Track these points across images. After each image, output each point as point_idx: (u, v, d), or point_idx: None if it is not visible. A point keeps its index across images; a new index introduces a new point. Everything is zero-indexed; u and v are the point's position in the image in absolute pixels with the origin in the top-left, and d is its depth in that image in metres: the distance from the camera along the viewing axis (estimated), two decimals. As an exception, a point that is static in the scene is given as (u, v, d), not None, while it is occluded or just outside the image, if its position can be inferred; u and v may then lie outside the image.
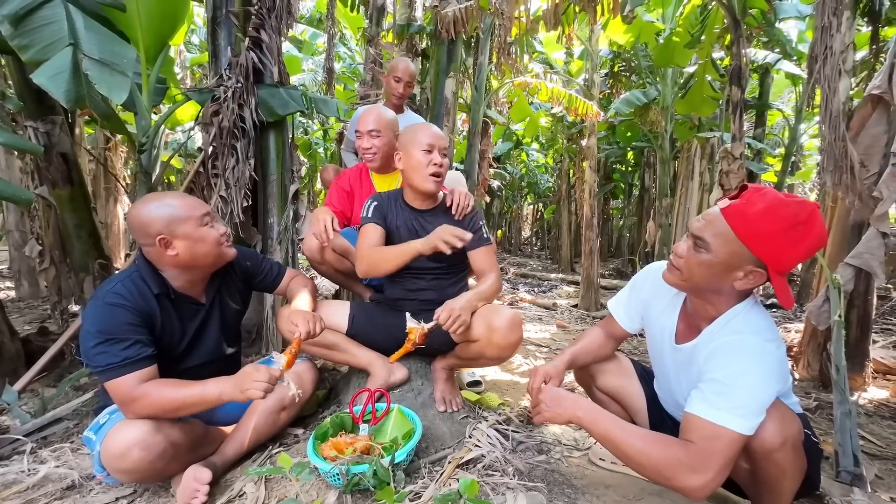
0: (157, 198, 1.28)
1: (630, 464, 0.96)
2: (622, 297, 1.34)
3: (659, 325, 1.19)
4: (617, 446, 0.97)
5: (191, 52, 8.28)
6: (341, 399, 1.71)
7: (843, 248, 2.31)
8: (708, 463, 0.87)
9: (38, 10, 1.66)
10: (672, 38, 4.94)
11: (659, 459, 0.91)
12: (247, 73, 2.27)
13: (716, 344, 0.98)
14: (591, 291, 5.24)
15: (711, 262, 0.94)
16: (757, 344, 0.93)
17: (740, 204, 0.91)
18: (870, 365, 2.53)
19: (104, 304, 1.20)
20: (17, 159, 3.53)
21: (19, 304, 3.88)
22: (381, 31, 4.68)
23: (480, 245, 1.52)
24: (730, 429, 0.88)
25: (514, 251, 14.23)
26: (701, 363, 1.00)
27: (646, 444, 0.93)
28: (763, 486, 1.03)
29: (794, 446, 0.97)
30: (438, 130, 1.53)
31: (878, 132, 1.94)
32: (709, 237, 0.93)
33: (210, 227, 1.30)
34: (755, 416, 0.90)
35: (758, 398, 0.90)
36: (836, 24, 2.02)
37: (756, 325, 0.97)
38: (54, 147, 2.35)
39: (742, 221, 0.90)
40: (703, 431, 0.90)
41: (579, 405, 1.05)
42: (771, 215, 0.88)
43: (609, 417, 1.01)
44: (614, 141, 8.19)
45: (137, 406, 1.17)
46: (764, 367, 0.91)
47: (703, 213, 0.98)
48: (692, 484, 0.88)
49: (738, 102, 3.05)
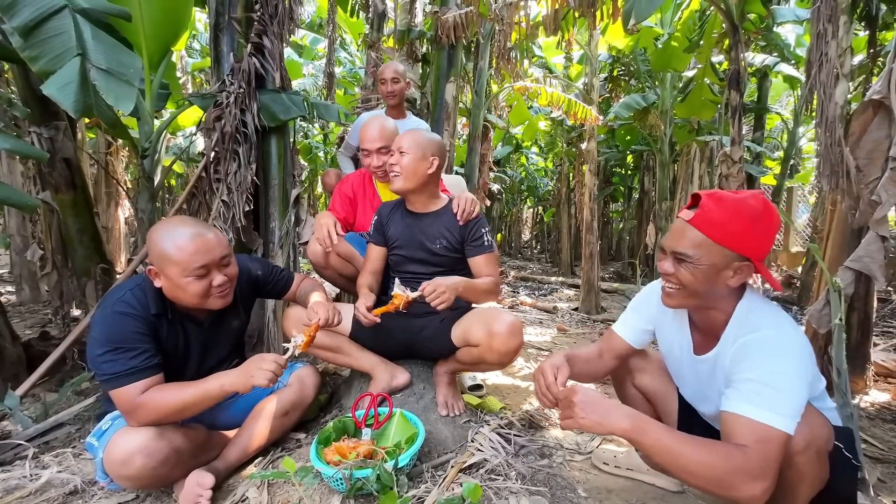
0: (172, 227, 1.23)
1: (684, 474, 0.91)
2: (625, 317, 1.33)
3: (675, 340, 1.19)
4: (672, 457, 0.90)
5: (192, 58, 8.32)
6: (343, 403, 1.71)
7: (843, 251, 2.32)
8: (767, 469, 0.86)
9: (47, 22, 1.68)
10: (671, 42, 4.97)
11: (722, 470, 0.86)
12: (249, 78, 2.29)
13: (739, 344, 0.98)
14: (591, 295, 5.24)
15: (700, 271, 0.97)
16: (781, 337, 0.95)
17: (704, 212, 0.96)
18: (871, 368, 2.53)
19: (112, 313, 1.20)
20: (20, 164, 3.55)
21: (20, 309, 3.88)
22: (381, 36, 4.71)
23: (481, 252, 1.52)
24: (778, 429, 0.87)
25: (514, 254, 14.24)
26: (728, 366, 0.99)
27: (705, 454, 0.88)
28: (778, 490, 1.00)
29: (819, 453, 0.95)
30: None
31: (879, 137, 1.95)
32: (689, 250, 0.97)
33: (198, 279, 1.20)
34: (797, 413, 0.89)
35: (797, 394, 0.90)
36: (831, 30, 2.04)
37: (770, 317, 0.99)
38: (58, 152, 2.37)
39: (713, 227, 0.95)
40: (754, 434, 0.88)
41: (622, 413, 0.96)
42: (736, 215, 0.94)
43: (658, 427, 0.94)
44: (614, 144, 8.21)
45: (141, 414, 1.17)
46: (795, 360, 0.92)
47: (672, 230, 1.02)
48: (754, 493, 0.84)
49: (737, 106, 3.06)
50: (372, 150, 1.79)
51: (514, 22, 4.26)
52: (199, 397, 1.20)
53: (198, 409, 1.21)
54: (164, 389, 1.20)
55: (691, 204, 1.00)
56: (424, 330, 1.56)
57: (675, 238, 1.00)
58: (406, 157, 1.49)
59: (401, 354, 1.64)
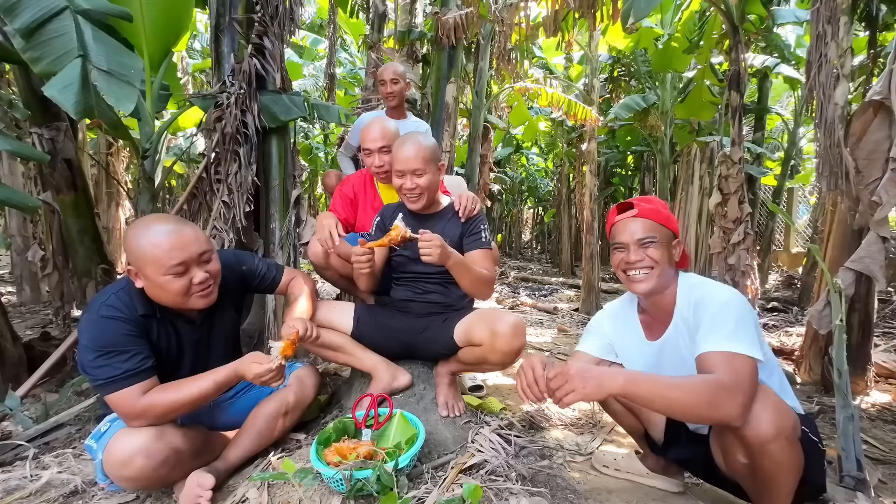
0: (146, 225, 1.20)
1: (679, 410, 1.00)
2: (584, 339, 1.36)
3: (632, 340, 1.29)
4: (666, 400, 0.99)
5: (193, 59, 8.33)
6: (343, 404, 1.71)
7: (844, 252, 2.32)
8: (739, 383, 0.97)
9: (48, 23, 1.69)
10: (671, 43, 4.97)
11: (707, 393, 0.97)
12: (249, 79, 2.29)
13: (692, 304, 1.14)
14: (591, 295, 5.24)
15: (663, 246, 1.18)
16: (720, 286, 1.15)
17: (642, 206, 1.20)
18: (872, 369, 2.53)
19: (99, 318, 1.18)
20: (21, 165, 3.55)
21: (21, 309, 3.88)
22: (382, 37, 4.72)
23: (478, 247, 1.53)
24: (738, 353, 1.00)
25: (515, 255, 14.24)
26: (692, 327, 1.13)
27: (691, 387, 0.99)
28: (762, 483, 1.05)
29: (789, 439, 1.00)
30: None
31: (880, 137, 1.95)
32: (650, 233, 1.18)
33: (177, 277, 1.17)
34: (752, 338, 1.03)
35: (746, 321, 1.06)
36: (830, 31, 2.05)
37: (707, 280, 1.20)
38: (58, 153, 2.37)
39: (657, 214, 1.19)
40: (720, 361, 1.01)
41: (613, 373, 1.03)
42: (659, 204, 1.23)
43: (647, 376, 1.03)
44: (614, 145, 8.21)
45: (146, 417, 1.17)
46: (735, 295, 1.11)
47: (623, 229, 1.21)
48: (735, 409, 0.96)
49: (737, 107, 3.06)
50: (374, 150, 1.80)
51: (514, 23, 4.27)
52: (195, 396, 1.20)
53: (194, 407, 1.21)
54: (165, 391, 1.19)
55: (625, 208, 1.22)
56: (426, 330, 1.56)
57: (633, 231, 1.18)
58: (424, 178, 1.48)
59: (402, 355, 1.64)
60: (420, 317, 1.57)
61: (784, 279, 6.47)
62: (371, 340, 1.59)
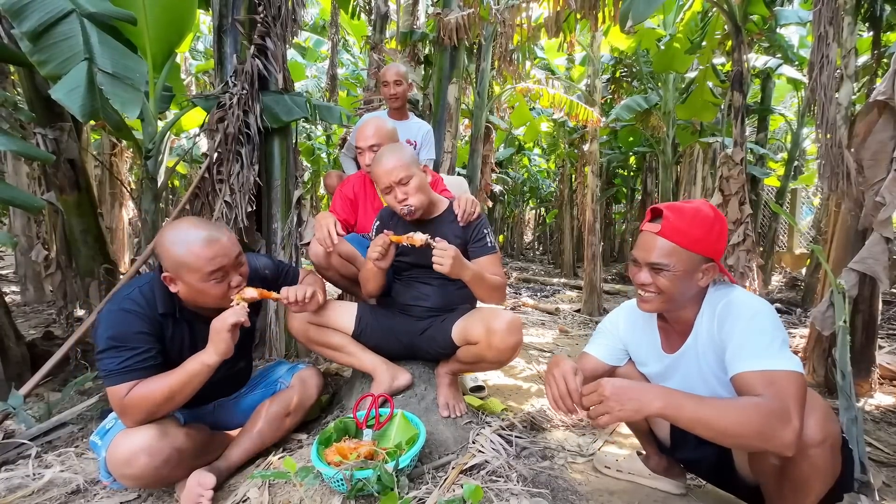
0: (183, 230, 1.20)
1: (726, 439, 0.92)
2: (594, 341, 1.33)
3: (649, 349, 1.24)
4: (710, 426, 0.90)
5: (196, 60, 8.37)
6: (344, 404, 1.72)
7: (848, 253, 2.30)
8: (788, 408, 0.89)
9: (55, 27, 1.71)
10: (673, 43, 4.97)
11: (758, 421, 0.88)
12: (252, 80, 2.30)
13: (716, 317, 1.05)
14: (593, 296, 5.23)
15: (676, 276, 1.05)
16: (743, 294, 1.07)
17: (669, 223, 1.04)
18: (876, 371, 2.51)
19: (118, 310, 1.21)
20: (25, 165, 3.58)
21: (25, 309, 3.90)
22: (384, 38, 4.73)
23: (485, 253, 1.51)
24: (779, 369, 0.93)
25: (517, 256, 14.22)
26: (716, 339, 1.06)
27: (738, 413, 0.90)
28: (791, 486, 1.00)
29: (833, 446, 0.97)
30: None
31: (884, 138, 1.95)
32: (664, 259, 1.04)
33: (218, 283, 1.21)
34: (785, 349, 0.95)
35: (777, 332, 0.98)
36: (832, 32, 2.04)
37: (728, 288, 1.10)
38: (62, 153, 2.39)
39: (681, 236, 1.04)
40: (761, 382, 0.93)
41: (653, 395, 0.93)
42: (695, 223, 1.04)
43: (691, 398, 0.93)
44: (616, 146, 8.20)
45: (131, 414, 1.17)
46: (761, 303, 1.03)
47: (641, 243, 1.09)
48: (787, 438, 0.87)
49: (740, 108, 3.06)
50: (365, 148, 1.79)
51: (515, 24, 4.27)
52: (184, 380, 1.18)
53: (186, 392, 1.20)
54: (148, 383, 1.18)
55: (652, 217, 1.08)
56: (426, 330, 1.56)
57: (648, 250, 1.06)
58: (412, 182, 1.42)
59: (403, 355, 1.64)
60: (420, 318, 1.57)
61: (787, 280, 6.44)
62: (373, 340, 1.59)
